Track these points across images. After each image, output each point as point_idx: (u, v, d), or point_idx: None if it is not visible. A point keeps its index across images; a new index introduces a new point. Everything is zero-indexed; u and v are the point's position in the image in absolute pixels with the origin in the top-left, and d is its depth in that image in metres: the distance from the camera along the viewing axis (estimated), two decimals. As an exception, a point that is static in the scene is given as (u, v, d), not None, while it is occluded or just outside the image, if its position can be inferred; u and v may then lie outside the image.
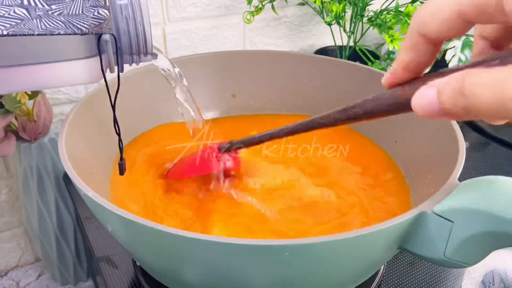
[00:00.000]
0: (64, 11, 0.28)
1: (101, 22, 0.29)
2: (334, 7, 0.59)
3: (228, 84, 0.59)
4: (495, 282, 0.45)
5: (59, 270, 0.68)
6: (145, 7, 0.32)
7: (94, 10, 0.29)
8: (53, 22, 0.28)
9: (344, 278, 0.35)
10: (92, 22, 0.29)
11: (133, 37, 0.33)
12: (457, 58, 0.67)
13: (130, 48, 0.33)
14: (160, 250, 0.32)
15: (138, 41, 0.33)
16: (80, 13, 0.28)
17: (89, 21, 0.29)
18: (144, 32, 0.33)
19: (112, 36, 0.31)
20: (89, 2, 0.29)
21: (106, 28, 0.30)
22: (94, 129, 0.46)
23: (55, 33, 0.28)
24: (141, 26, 0.32)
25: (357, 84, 0.54)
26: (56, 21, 0.28)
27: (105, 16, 0.29)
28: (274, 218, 0.41)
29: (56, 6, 0.28)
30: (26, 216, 0.65)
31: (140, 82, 0.52)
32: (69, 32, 0.28)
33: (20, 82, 0.31)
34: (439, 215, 0.30)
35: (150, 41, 0.33)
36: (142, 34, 0.33)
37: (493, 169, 0.61)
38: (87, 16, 0.29)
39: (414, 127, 0.47)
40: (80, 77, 0.32)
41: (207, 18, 0.67)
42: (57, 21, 0.28)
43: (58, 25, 0.28)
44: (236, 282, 0.32)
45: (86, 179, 0.35)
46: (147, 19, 0.33)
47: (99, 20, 0.29)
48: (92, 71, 0.32)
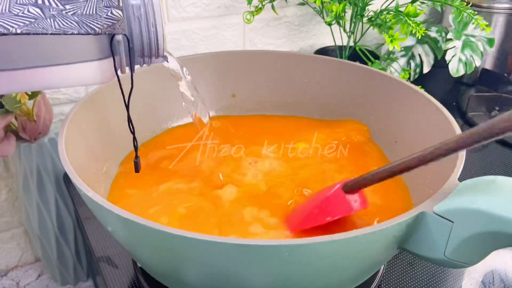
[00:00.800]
0: (78, 11, 0.28)
1: (114, 23, 0.29)
2: (334, 7, 0.59)
3: (228, 84, 0.59)
4: (495, 282, 0.45)
5: (59, 270, 0.68)
6: (158, 8, 0.32)
7: (108, 10, 0.29)
8: (67, 22, 0.28)
9: (344, 278, 0.35)
10: (105, 22, 0.29)
11: (146, 39, 0.32)
12: (457, 58, 0.67)
13: (142, 49, 0.33)
14: (160, 250, 0.32)
15: (150, 43, 0.33)
16: (93, 13, 0.28)
17: (102, 21, 0.29)
18: (156, 34, 0.33)
19: (125, 36, 0.31)
20: (103, 3, 0.29)
21: (119, 28, 0.30)
22: (94, 129, 0.46)
23: (68, 32, 0.28)
24: (153, 27, 0.32)
25: (357, 84, 0.54)
26: (70, 21, 0.28)
27: (118, 17, 0.29)
28: None
29: (70, 6, 0.28)
30: (26, 216, 0.65)
31: (144, 84, 0.52)
32: (82, 32, 0.28)
33: (34, 83, 0.31)
34: (439, 215, 0.30)
35: (162, 43, 0.33)
36: (155, 36, 0.33)
37: (493, 169, 0.61)
38: (101, 16, 0.29)
39: (414, 127, 0.47)
40: (93, 78, 0.32)
41: (207, 18, 0.67)
42: (70, 21, 0.28)
43: (72, 25, 0.28)
44: (236, 282, 0.32)
45: (86, 179, 0.35)
46: (159, 20, 0.32)
47: (113, 20, 0.29)
48: (104, 72, 0.32)
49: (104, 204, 0.31)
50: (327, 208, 0.36)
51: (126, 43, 0.31)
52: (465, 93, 0.80)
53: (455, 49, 0.67)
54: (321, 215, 0.37)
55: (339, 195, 0.35)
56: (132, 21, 0.31)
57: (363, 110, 0.54)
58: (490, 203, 0.28)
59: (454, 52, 0.67)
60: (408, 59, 0.73)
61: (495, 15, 0.77)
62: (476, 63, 0.68)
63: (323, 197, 0.37)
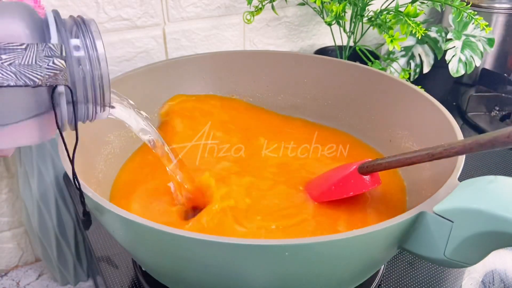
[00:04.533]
0: (16, 61, 0.25)
1: (57, 73, 0.26)
2: (334, 7, 0.59)
3: (228, 84, 0.59)
4: (495, 282, 0.45)
5: (59, 270, 0.68)
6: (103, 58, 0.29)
7: (49, 60, 0.26)
8: (3, 73, 0.25)
9: (344, 277, 0.35)
10: (46, 73, 0.26)
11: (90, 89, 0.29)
12: (457, 58, 0.67)
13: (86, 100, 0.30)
14: (160, 250, 0.32)
15: (95, 93, 0.30)
16: (33, 63, 0.26)
17: (43, 72, 0.26)
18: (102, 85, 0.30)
19: (68, 88, 0.28)
20: (44, 52, 0.26)
21: (61, 79, 0.27)
22: (94, 129, 0.46)
23: (4, 84, 0.25)
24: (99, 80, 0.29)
25: (357, 84, 0.54)
26: (6, 72, 0.25)
27: (60, 67, 0.27)
28: None
29: (7, 56, 0.25)
30: (26, 216, 0.65)
31: (143, 84, 0.52)
32: (20, 83, 0.25)
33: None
34: (439, 215, 0.30)
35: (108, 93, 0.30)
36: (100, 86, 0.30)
37: (493, 169, 0.61)
38: (41, 66, 0.26)
39: (414, 127, 0.47)
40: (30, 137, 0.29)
41: (207, 18, 0.67)
42: (7, 72, 0.25)
43: (8, 76, 0.25)
44: (236, 282, 0.32)
45: (86, 179, 0.35)
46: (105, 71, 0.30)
47: (54, 70, 0.26)
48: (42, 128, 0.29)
49: (104, 204, 0.31)
50: (344, 186, 0.41)
51: (69, 95, 0.28)
52: (465, 93, 0.80)
53: (455, 49, 0.67)
54: (338, 191, 0.41)
55: (355, 175, 0.40)
56: (76, 72, 0.29)
57: (363, 110, 0.54)
58: (490, 203, 0.28)
59: (454, 52, 0.67)
60: (408, 59, 0.73)
61: (495, 15, 0.77)
62: (476, 63, 0.68)
63: (340, 175, 0.41)
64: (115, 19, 0.60)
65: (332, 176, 0.43)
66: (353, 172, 0.40)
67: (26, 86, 0.25)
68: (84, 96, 0.29)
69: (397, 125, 0.50)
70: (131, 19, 0.62)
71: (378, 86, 0.52)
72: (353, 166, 0.40)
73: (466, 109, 0.74)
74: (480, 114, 0.74)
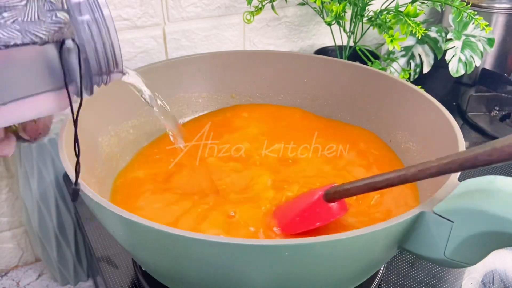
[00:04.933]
0: (18, 18, 0.24)
1: (62, 27, 0.25)
2: (334, 7, 0.59)
3: (228, 84, 0.59)
4: (495, 282, 0.45)
5: (59, 270, 0.68)
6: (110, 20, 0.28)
7: (52, 14, 0.25)
8: (8, 31, 0.24)
9: (344, 277, 0.35)
10: (51, 27, 0.25)
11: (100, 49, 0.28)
12: (457, 58, 0.67)
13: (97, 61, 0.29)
14: (160, 250, 0.32)
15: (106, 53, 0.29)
16: (36, 19, 0.25)
17: (48, 27, 0.25)
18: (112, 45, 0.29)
19: (75, 43, 0.27)
20: (45, 6, 0.25)
21: (68, 33, 0.26)
22: (94, 129, 0.46)
23: (11, 43, 0.24)
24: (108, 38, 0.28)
25: (357, 84, 0.54)
26: (11, 30, 0.24)
27: (64, 20, 0.26)
28: None
29: (8, 14, 0.24)
30: (26, 216, 0.65)
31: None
32: (27, 41, 0.24)
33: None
34: (439, 215, 0.30)
35: (119, 54, 0.30)
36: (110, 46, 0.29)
37: (493, 169, 0.61)
38: (45, 22, 0.25)
39: (414, 127, 0.47)
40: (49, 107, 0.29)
41: (207, 18, 0.67)
42: (11, 30, 0.24)
43: (14, 34, 0.24)
44: (236, 282, 0.32)
45: (86, 179, 0.35)
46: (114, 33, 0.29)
47: (59, 24, 0.25)
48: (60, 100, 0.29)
49: (104, 204, 0.31)
50: (310, 216, 0.37)
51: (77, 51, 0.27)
52: (465, 93, 0.80)
53: (455, 49, 0.67)
54: (303, 223, 0.37)
55: (320, 204, 0.36)
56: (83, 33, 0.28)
57: (363, 110, 0.54)
58: (490, 203, 0.28)
59: (454, 52, 0.67)
60: (408, 59, 0.73)
61: (495, 15, 0.77)
62: (476, 63, 0.68)
63: (304, 204, 0.37)
64: (115, 19, 0.60)
65: (296, 204, 0.39)
66: (317, 200, 0.36)
67: (34, 43, 0.24)
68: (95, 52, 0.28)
69: (397, 125, 0.50)
70: (131, 19, 0.62)
71: (378, 86, 0.52)
72: (318, 193, 0.36)
73: (466, 109, 0.74)
74: (480, 114, 0.74)
